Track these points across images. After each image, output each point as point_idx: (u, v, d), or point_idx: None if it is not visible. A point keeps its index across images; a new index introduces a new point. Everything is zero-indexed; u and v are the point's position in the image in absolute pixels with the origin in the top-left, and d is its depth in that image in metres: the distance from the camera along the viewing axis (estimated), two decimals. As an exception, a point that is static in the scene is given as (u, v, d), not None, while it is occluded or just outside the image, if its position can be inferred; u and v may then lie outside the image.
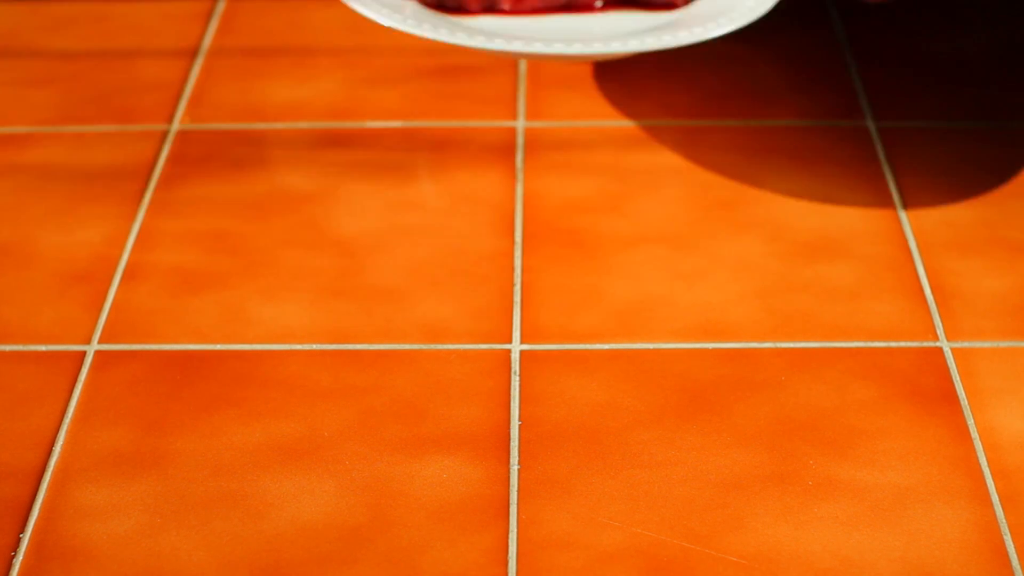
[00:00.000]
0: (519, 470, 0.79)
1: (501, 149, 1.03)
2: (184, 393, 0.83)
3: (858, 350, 0.86)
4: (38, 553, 0.74)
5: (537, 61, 1.05)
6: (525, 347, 0.86)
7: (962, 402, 0.82)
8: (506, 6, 1.03)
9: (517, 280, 0.91)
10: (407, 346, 0.87)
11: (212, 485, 0.78)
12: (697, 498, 0.77)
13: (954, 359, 0.85)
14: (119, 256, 0.93)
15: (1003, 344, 0.86)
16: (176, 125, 1.05)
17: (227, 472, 0.79)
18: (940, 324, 0.87)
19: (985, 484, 0.78)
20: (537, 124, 1.05)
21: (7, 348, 0.86)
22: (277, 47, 1.14)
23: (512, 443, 0.80)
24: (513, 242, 0.94)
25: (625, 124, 1.04)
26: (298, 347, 0.86)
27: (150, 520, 0.76)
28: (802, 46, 1.14)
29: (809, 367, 0.84)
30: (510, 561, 0.74)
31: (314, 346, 0.86)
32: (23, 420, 0.82)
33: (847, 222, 0.95)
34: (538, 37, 0.98)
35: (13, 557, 0.74)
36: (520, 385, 0.84)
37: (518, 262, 0.93)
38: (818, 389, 0.83)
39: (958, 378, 0.84)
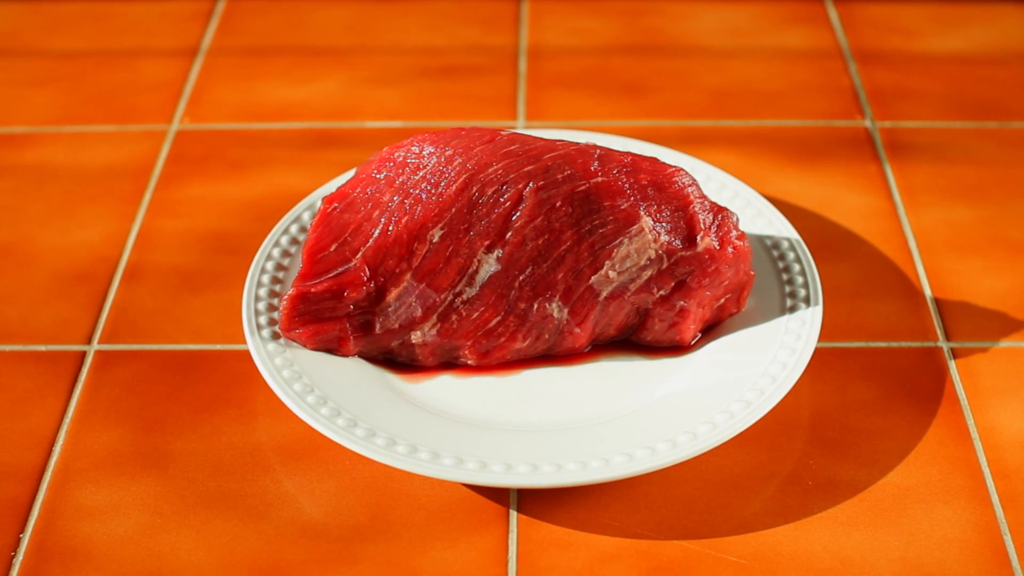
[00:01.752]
0: (519, 470, 0.78)
1: (501, 149, 1.03)
2: (184, 393, 0.83)
3: (858, 350, 0.86)
4: (38, 553, 0.74)
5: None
6: (525, 347, 0.86)
7: (962, 402, 0.82)
8: (471, 360, 0.82)
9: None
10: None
11: (212, 485, 0.78)
12: (697, 498, 0.77)
13: (954, 359, 0.85)
14: (119, 256, 0.93)
15: (1003, 344, 0.86)
16: (176, 125, 1.05)
17: (227, 472, 0.79)
18: (940, 324, 0.87)
19: (985, 484, 0.78)
20: (537, 124, 1.05)
21: (7, 348, 0.86)
22: (277, 47, 1.14)
23: (512, 443, 0.80)
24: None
25: (624, 124, 1.04)
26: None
27: (150, 520, 0.76)
28: (802, 46, 1.14)
29: (809, 367, 0.84)
30: (510, 561, 0.74)
31: (314, 346, 0.86)
32: (23, 420, 0.82)
33: (847, 222, 0.95)
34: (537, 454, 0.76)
35: (13, 557, 0.74)
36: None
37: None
38: (818, 389, 0.83)
39: (958, 378, 0.84)
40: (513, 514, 0.76)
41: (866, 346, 0.86)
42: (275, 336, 0.82)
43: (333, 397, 0.78)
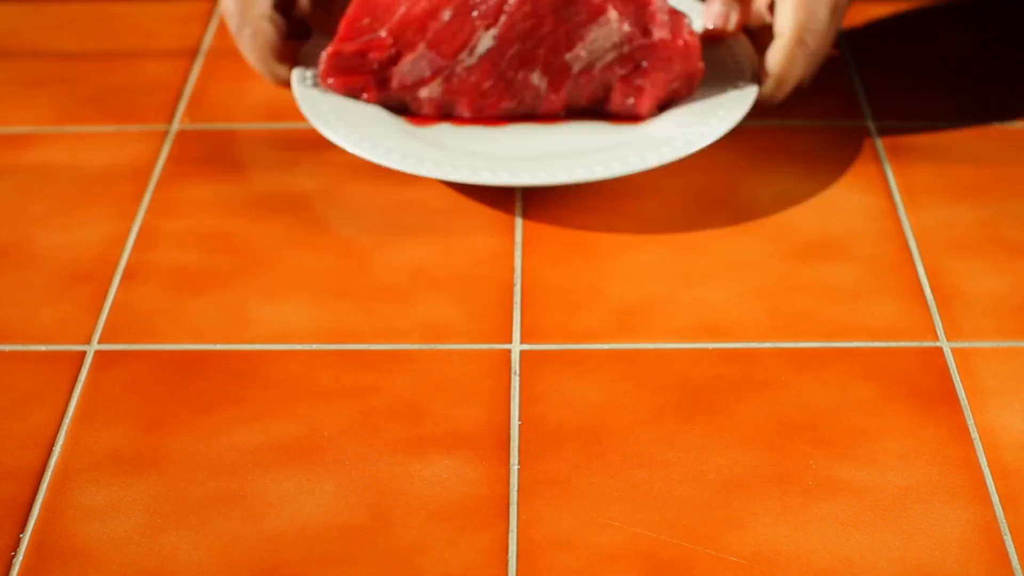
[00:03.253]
0: (519, 470, 0.79)
1: (501, 149, 1.03)
2: (184, 393, 0.83)
3: (858, 350, 0.86)
4: (38, 553, 0.74)
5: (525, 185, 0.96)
6: (525, 347, 0.86)
7: (962, 402, 0.82)
8: (466, 114, 1.00)
9: (517, 280, 0.91)
10: (407, 346, 0.87)
11: (212, 485, 0.78)
12: (697, 498, 0.77)
13: (954, 359, 0.85)
14: (119, 256, 0.93)
15: (1003, 344, 0.86)
16: (176, 125, 1.05)
17: (227, 472, 0.79)
18: (940, 324, 0.87)
19: (985, 484, 0.78)
20: (537, 124, 1.05)
21: (7, 348, 0.86)
22: (277, 47, 1.14)
23: (512, 443, 0.80)
24: (513, 242, 0.94)
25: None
26: (298, 347, 0.86)
27: (150, 520, 0.76)
28: (802, 46, 1.13)
29: (809, 367, 0.84)
30: (510, 561, 0.74)
31: (314, 346, 0.86)
32: (23, 420, 0.82)
33: (847, 222, 0.95)
34: (522, 165, 0.96)
35: (13, 557, 0.74)
36: (520, 385, 0.84)
37: (518, 262, 0.93)
38: (818, 389, 0.83)
39: (958, 378, 0.84)
40: (513, 514, 0.76)
41: (866, 346, 0.86)
42: (314, 85, 1.01)
43: (358, 130, 0.97)
